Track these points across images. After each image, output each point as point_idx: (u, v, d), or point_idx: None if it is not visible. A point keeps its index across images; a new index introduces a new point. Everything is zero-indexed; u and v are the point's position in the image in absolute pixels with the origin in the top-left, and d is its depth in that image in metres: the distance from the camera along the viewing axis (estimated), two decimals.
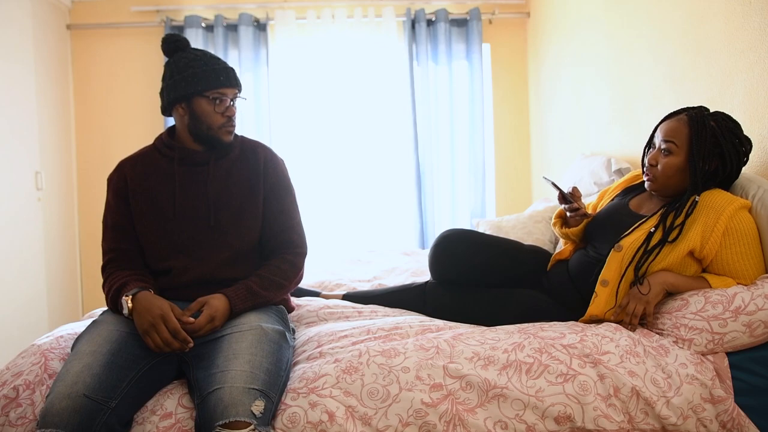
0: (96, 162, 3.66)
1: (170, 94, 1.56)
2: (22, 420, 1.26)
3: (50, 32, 3.45)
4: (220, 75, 1.56)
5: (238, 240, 1.58)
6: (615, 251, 1.57)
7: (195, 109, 1.56)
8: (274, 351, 1.34)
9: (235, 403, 1.16)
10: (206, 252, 1.56)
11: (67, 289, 3.57)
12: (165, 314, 1.34)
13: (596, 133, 2.88)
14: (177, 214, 1.56)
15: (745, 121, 1.77)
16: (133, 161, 1.63)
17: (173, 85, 1.55)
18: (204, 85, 1.54)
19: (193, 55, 1.57)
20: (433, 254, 1.80)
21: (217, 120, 1.57)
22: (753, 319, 1.36)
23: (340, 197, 3.74)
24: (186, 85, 1.54)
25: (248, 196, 1.61)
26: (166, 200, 1.57)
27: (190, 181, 1.59)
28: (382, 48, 3.68)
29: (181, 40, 1.60)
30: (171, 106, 1.58)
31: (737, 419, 1.30)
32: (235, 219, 1.59)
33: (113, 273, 1.53)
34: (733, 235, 1.46)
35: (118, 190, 1.59)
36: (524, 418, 1.27)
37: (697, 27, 2.00)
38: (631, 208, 1.68)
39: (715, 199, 1.49)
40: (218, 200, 1.58)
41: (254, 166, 1.64)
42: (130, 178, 1.59)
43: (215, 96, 1.55)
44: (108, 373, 1.23)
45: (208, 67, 1.55)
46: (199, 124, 1.57)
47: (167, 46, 1.60)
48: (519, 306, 1.68)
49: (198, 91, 1.54)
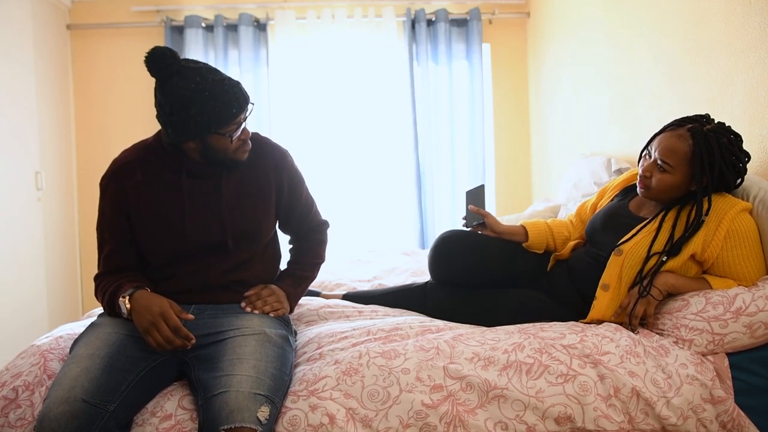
0: (96, 162, 3.65)
1: (177, 132, 1.38)
2: (21, 421, 1.26)
3: (50, 32, 3.45)
4: (232, 107, 1.36)
5: (247, 251, 1.54)
6: (615, 255, 1.56)
7: (209, 143, 1.41)
8: (278, 356, 1.33)
9: (241, 409, 1.15)
10: (214, 261, 1.51)
11: (67, 289, 3.57)
12: (165, 312, 1.30)
13: (596, 133, 2.87)
14: (187, 228, 1.46)
15: (745, 121, 1.76)
16: (131, 167, 1.47)
17: (179, 124, 1.36)
18: (216, 123, 1.36)
19: (192, 82, 1.33)
20: (432, 255, 1.80)
21: (233, 148, 1.44)
22: (754, 320, 1.36)
23: (340, 197, 3.74)
24: (195, 125, 1.35)
25: (261, 210, 1.54)
26: (173, 215, 1.46)
27: (199, 194, 1.47)
28: (382, 48, 3.68)
29: (169, 58, 1.34)
30: (178, 142, 1.42)
31: (737, 419, 1.30)
32: (247, 233, 1.52)
33: (105, 278, 1.48)
34: (734, 238, 1.46)
35: (116, 203, 1.47)
36: (524, 418, 1.27)
37: (697, 27, 2.00)
38: (631, 210, 1.68)
39: (715, 203, 1.49)
40: (231, 218, 1.49)
41: (265, 174, 1.54)
42: (129, 187, 1.46)
43: (231, 130, 1.40)
44: (106, 376, 1.21)
45: (217, 101, 1.34)
46: (214, 154, 1.43)
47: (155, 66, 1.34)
48: (519, 306, 1.68)
49: (211, 131, 1.38)
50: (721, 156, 1.48)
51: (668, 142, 1.53)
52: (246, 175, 1.53)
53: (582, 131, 3.05)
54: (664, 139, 1.55)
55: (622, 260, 1.55)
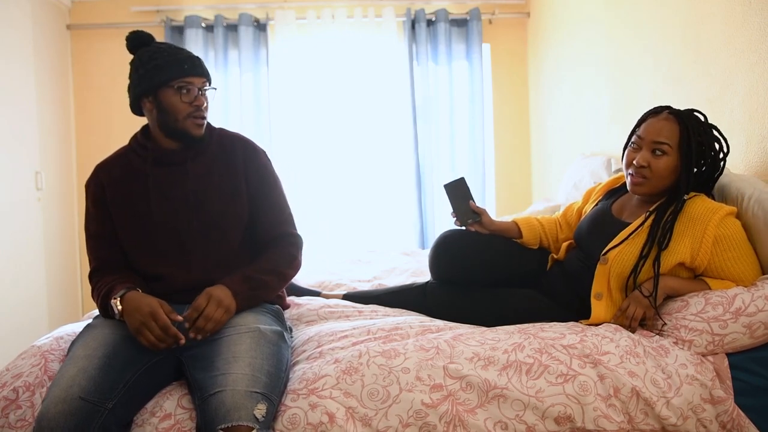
0: (96, 162, 3.63)
1: (136, 89, 1.52)
2: (21, 422, 1.26)
3: (50, 32, 3.45)
4: (184, 64, 1.51)
5: (223, 242, 1.55)
6: (601, 264, 1.57)
7: (162, 101, 1.51)
8: (273, 353, 1.33)
9: (238, 407, 1.15)
10: (192, 257, 1.53)
11: (67, 290, 3.57)
12: (154, 311, 1.32)
13: (596, 133, 2.87)
14: (155, 218, 1.52)
15: (745, 121, 1.77)
16: (109, 165, 1.59)
17: (138, 79, 1.52)
18: (167, 74, 1.49)
19: (156, 47, 1.53)
20: (433, 255, 1.80)
21: (183, 109, 1.51)
22: (753, 320, 1.36)
23: (340, 197, 3.74)
24: (150, 77, 1.49)
25: (230, 197, 1.57)
26: (142, 204, 1.53)
27: (166, 182, 1.54)
28: (382, 48, 3.68)
29: (145, 36, 1.56)
30: (138, 100, 1.54)
31: (737, 420, 1.29)
32: (218, 221, 1.54)
33: (100, 280, 1.50)
34: (722, 243, 1.46)
35: (96, 198, 1.56)
36: (524, 418, 1.27)
37: (697, 27, 2.00)
38: (614, 214, 1.67)
39: (698, 209, 1.48)
40: (198, 202, 1.53)
41: (233, 164, 1.59)
42: (106, 183, 1.55)
43: (180, 85, 1.50)
44: (104, 375, 1.22)
45: (172, 57, 1.51)
46: (167, 116, 1.51)
47: (131, 43, 1.56)
48: (519, 306, 1.68)
49: (162, 81, 1.49)
50: (704, 131, 1.51)
51: (659, 125, 1.54)
52: (215, 164, 1.58)
53: (582, 131, 3.05)
54: (652, 124, 1.56)
55: (609, 268, 1.55)
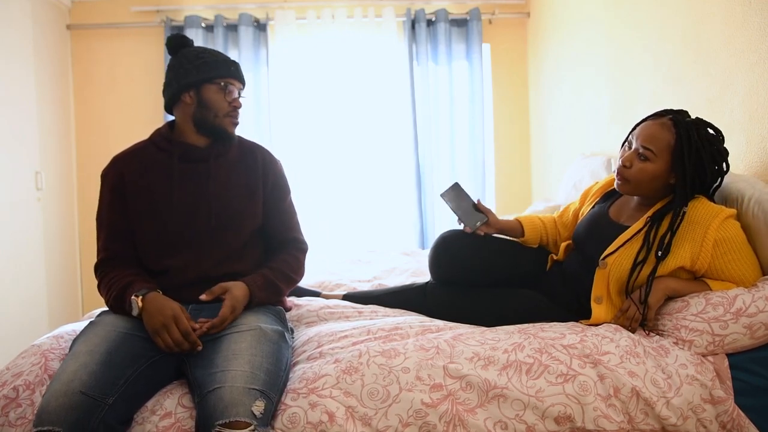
0: (96, 162, 3.64)
1: (180, 82, 1.58)
2: (21, 420, 1.26)
3: (50, 32, 3.45)
4: (230, 65, 1.62)
5: (235, 239, 1.60)
6: (600, 269, 1.57)
7: (203, 96, 1.58)
8: (273, 351, 1.34)
9: (236, 403, 1.16)
10: (204, 251, 1.57)
11: (67, 289, 3.57)
12: (177, 316, 1.36)
13: (596, 133, 2.88)
14: (175, 211, 1.55)
15: (745, 121, 1.77)
16: (129, 156, 1.62)
17: (183, 73, 1.58)
18: (215, 72, 1.58)
19: (201, 48, 1.62)
20: (432, 255, 1.80)
21: (224, 107, 1.60)
22: (754, 321, 1.36)
23: (340, 197, 3.74)
24: (197, 72, 1.57)
25: (247, 198, 1.62)
26: (164, 197, 1.56)
27: (189, 177, 1.58)
28: (382, 48, 3.68)
29: (185, 38, 1.64)
30: (179, 93, 1.59)
31: (737, 420, 1.29)
32: (235, 219, 1.59)
33: (110, 272, 1.53)
34: (722, 245, 1.46)
35: (114, 187, 1.58)
36: (524, 418, 1.27)
37: (696, 27, 2.00)
38: (611, 217, 1.67)
39: (697, 213, 1.48)
40: (218, 199, 1.58)
41: (253, 168, 1.65)
42: (126, 173, 1.58)
43: (225, 83, 1.60)
44: (105, 370, 1.23)
45: (219, 57, 1.61)
46: (206, 111, 1.58)
47: (174, 42, 1.63)
48: (519, 306, 1.68)
49: (209, 78, 1.58)
50: (702, 146, 1.48)
51: (651, 130, 1.53)
52: (236, 166, 1.64)
53: (582, 131, 3.05)
54: (646, 127, 1.55)
55: (608, 273, 1.55)
